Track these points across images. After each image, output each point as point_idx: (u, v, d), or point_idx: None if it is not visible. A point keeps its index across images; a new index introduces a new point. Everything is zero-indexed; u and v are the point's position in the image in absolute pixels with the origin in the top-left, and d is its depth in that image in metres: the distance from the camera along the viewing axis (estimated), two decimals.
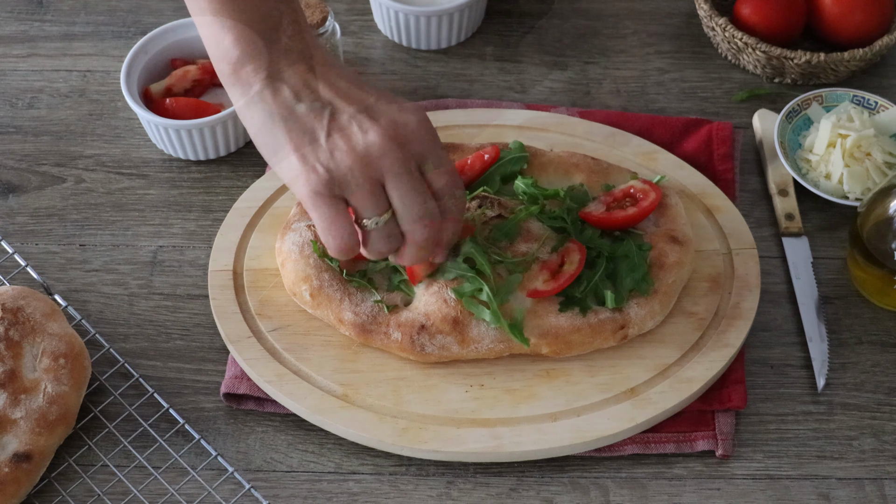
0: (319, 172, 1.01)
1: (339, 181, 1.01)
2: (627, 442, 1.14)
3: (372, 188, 1.01)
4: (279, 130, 1.02)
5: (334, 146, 1.01)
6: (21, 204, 1.32)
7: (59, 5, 1.49)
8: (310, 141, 1.01)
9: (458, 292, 1.13)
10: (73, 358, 1.13)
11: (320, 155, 1.01)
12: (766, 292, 1.24)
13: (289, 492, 1.12)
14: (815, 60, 1.36)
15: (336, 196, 1.02)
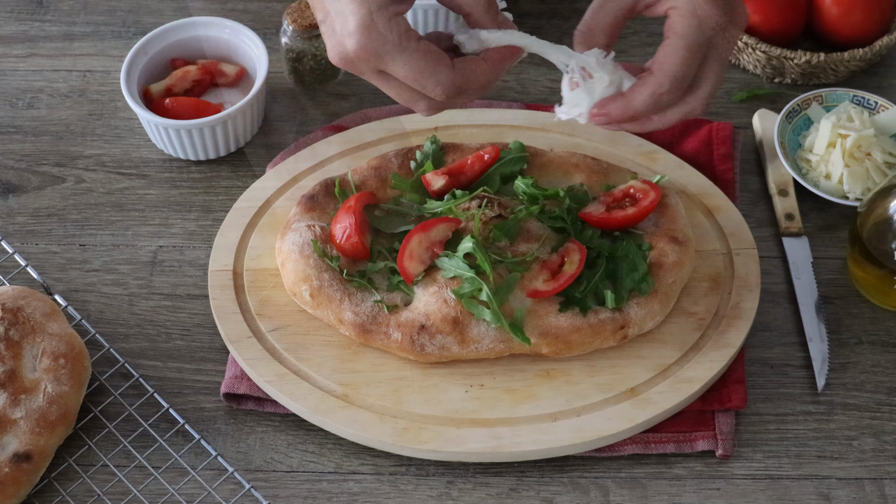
0: None
1: None
2: (627, 442, 1.14)
3: None
4: None
5: None
6: (21, 204, 1.32)
7: (59, 5, 1.49)
8: None
9: (458, 293, 1.13)
10: (73, 358, 1.13)
11: None
12: (766, 292, 1.24)
13: (289, 492, 1.12)
14: (815, 60, 1.36)
15: None
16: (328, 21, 1.00)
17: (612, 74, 1.05)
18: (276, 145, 1.36)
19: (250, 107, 1.32)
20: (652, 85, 1.03)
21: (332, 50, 1.01)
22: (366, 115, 1.36)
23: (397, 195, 1.24)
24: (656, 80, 1.03)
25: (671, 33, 1.04)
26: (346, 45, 0.99)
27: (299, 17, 1.35)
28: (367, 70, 1.01)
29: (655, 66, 1.04)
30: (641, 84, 1.04)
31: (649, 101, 1.04)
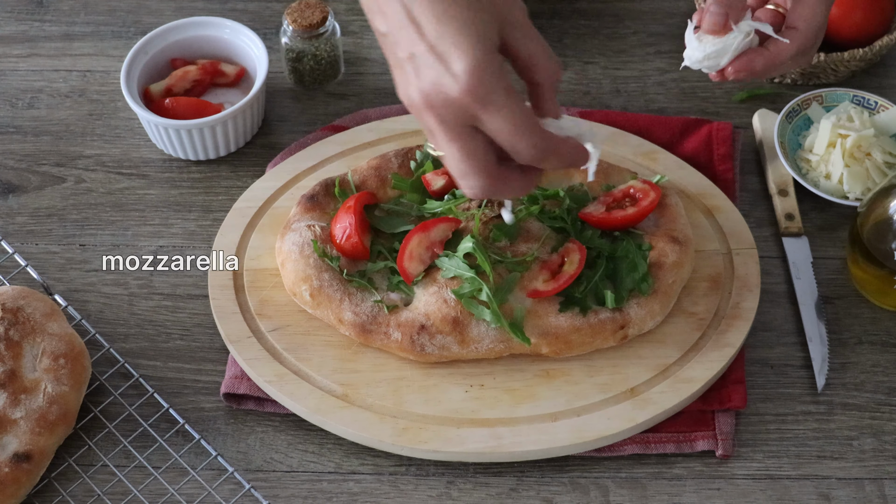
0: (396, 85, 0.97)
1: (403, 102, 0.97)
2: (627, 442, 1.14)
3: (425, 128, 0.96)
4: None
5: (395, 76, 0.96)
6: (21, 204, 1.32)
7: (59, 5, 1.49)
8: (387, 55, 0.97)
9: (458, 293, 1.13)
10: (74, 358, 1.13)
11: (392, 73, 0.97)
12: (766, 292, 1.24)
13: (289, 492, 1.12)
14: (815, 60, 1.36)
15: None
16: (419, 59, 0.92)
17: (749, 28, 1.07)
18: (276, 145, 1.36)
19: (250, 107, 1.32)
20: (800, 40, 1.07)
21: (423, 91, 0.93)
22: (366, 115, 1.36)
23: (397, 195, 1.24)
24: (804, 36, 1.07)
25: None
26: (448, 87, 0.91)
27: (299, 17, 1.35)
28: (455, 118, 0.93)
29: (801, 22, 1.07)
30: (791, 40, 1.07)
31: (795, 56, 1.08)
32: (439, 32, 0.92)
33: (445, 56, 0.92)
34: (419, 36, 0.92)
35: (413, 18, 0.93)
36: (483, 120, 0.93)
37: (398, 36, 0.94)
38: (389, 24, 0.94)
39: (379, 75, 1.42)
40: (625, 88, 1.41)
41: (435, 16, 0.92)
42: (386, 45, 0.96)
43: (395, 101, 1.39)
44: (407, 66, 0.94)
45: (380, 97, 1.40)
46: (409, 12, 0.93)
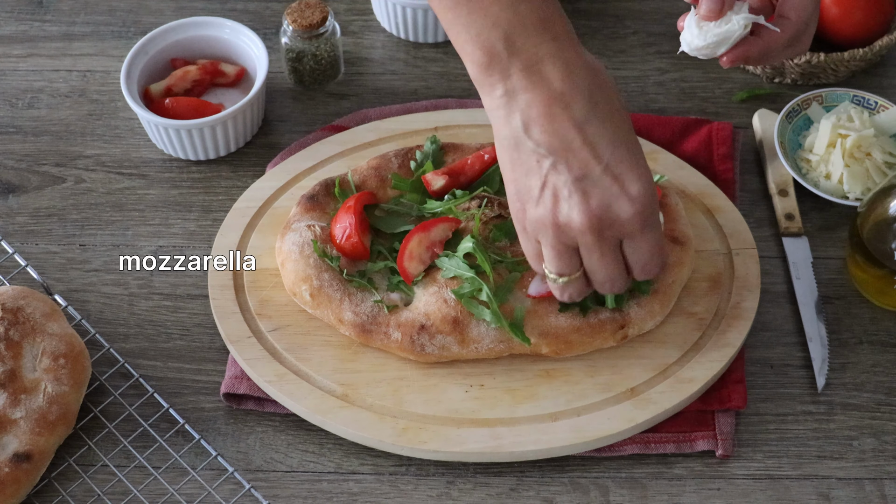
0: (527, 214, 1.00)
1: (538, 231, 1.00)
2: (627, 442, 1.14)
3: (560, 251, 1.00)
4: (506, 154, 0.99)
5: (543, 200, 0.98)
6: (21, 204, 1.32)
7: (59, 5, 1.49)
8: (526, 180, 0.98)
9: (458, 293, 1.13)
10: (74, 358, 1.13)
11: (530, 199, 0.98)
12: (766, 292, 1.24)
13: (289, 492, 1.12)
14: (815, 60, 1.36)
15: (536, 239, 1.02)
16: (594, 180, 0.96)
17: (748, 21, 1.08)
18: (276, 145, 1.36)
19: (250, 107, 1.32)
20: (792, 29, 1.07)
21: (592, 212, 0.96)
22: (366, 115, 1.36)
23: (397, 195, 1.24)
24: (795, 26, 1.07)
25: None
26: (623, 207, 0.96)
27: (299, 17, 1.35)
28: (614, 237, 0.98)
29: (792, 11, 1.07)
30: (783, 29, 1.08)
31: (787, 46, 1.08)
32: (615, 157, 0.95)
33: (621, 178, 0.95)
34: (596, 159, 0.95)
35: (587, 140, 0.95)
36: (637, 240, 0.99)
37: (568, 157, 0.96)
38: (556, 143, 0.96)
39: (379, 75, 1.42)
40: (625, 88, 1.41)
41: (610, 140, 0.95)
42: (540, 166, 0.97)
43: (395, 101, 1.39)
44: (573, 187, 0.96)
45: (380, 97, 1.40)
46: (584, 135, 0.95)
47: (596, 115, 0.95)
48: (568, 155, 0.95)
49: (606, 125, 0.95)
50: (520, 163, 0.98)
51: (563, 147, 0.95)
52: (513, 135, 0.97)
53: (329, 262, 1.18)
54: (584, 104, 0.95)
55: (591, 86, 0.96)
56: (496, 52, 0.95)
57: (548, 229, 0.99)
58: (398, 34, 1.45)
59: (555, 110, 0.95)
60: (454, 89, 1.41)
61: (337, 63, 1.40)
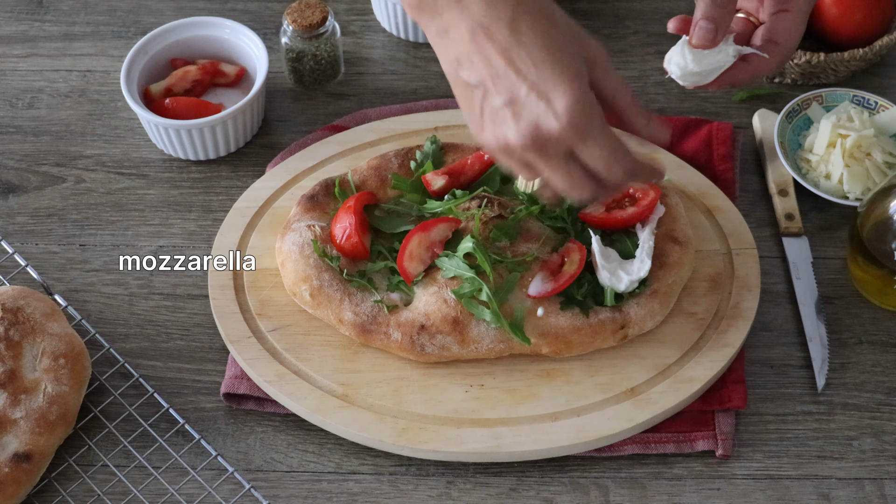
0: (482, 137, 1.02)
1: (494, 153, 1.03)
2: (627, 442, 1.14)
3: (516, 166, 1.03)
4: (453, 87, 1.03)
5: (485, 126, 1.01)
6: (21, 204, 1.32)
7: (59, 5, 1.49)
8: (470, 110, 1.02)
9: (458, 293, 1.13)
10: (73, 358, 1.13)
11: (478, 126, 1.02)
12: (766, 292, 1.24)
13: (289, 492, 1.12)
14: (815, 60, 1.36)
15: None
16: (521, 101, 0.98)
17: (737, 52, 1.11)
18: (276, 145, 1.36)
19: (250, 107, 1.32)
20: (781, 55, 1.11)
21: (523, 131, 0.99)
22: (366, 115, 1.36)
23: (397, 195, 1.24)
24: (783, 51, 1.11)
25: (791, 6, 1.10)
26: (550, 124, 0.97)
27: (299, 17, 1.35)
28: (556, 151, 0.99)
29: (781, 37, 1.10)
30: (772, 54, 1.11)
31: (775, 70, 1.12)
32: (539, 76, 0.98)
33: (546, 95, 0.98)
34: (521, 80, 0.98)
35: (512, 64, 0.98)
36: (581, 150, 1.00)
37: (495, 83, 0.99)
38: (484, 72, 0.99)
39: (379, 75, 1.42)
40: None
41: (533, 61, 0.98)
42: (472, 96, 1.01)
43: (395, 101, 1.39)
44: (504, 111, 0.99)
45: (380, 97, 1.40)
46: (510, 59, 0.98)
47: (518, 39, 0.98)
48: (495, 81, 0.99)
49: (530, 48, 0.98)
50: (462, 97, 1.02)
51: (490, 75, 0.99)
52: (451, 71, 1.01)
53: (329, 262, 1.18)
54: (505, 31, 0.98)
55: (514, 12, 0.99)
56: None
57: (498, 152, 1.02)
58: (398, 34, 1.45)
59: (478, 41, 0.99)
60: None
61: (337, 63, 1.40)
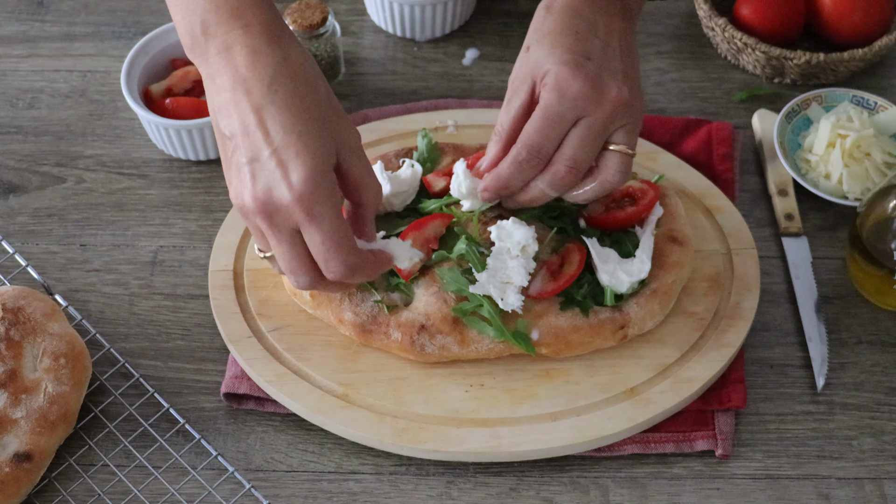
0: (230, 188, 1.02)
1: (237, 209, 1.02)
2: (627, 442, 1.14)
3: (252, 229, 1.03)
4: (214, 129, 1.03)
5: (230, 180, 1.01)
6: (21, 204, 1.32)
7: (59, 5, 1.49)
8: (225, 160, 1.02)
9: (460, 310, 1.13)
10: (74, 358, 1.13)
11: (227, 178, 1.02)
12: (766, 292, 1.24)
13: (289, 491, 1.13)
14: (815, 60, 1.37)
15: None
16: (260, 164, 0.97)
17: None
18: None
19: None
20: (512, 153, 1.10)
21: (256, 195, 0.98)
22: (366, 116, 1.36)
23: None
24: (516, 149, 1.10)
25: (536, 106, 1.09)
26: (281, 193, 0.97)
27: (299, 18, 1.35)
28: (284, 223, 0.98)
29: (518, 137, 1.10)
30: (507, 155, 1.11)
31: (513, 169, 1.11)
32: (284, 142, 0.98)
33: (286, 164, 0.97)
34: (266, 141, 0.98)
35: (262, 124, 0.98)
36: (305, 230, 0.99)
37: (243, 139, 0.99)
38: (235, 127, 0.99)
39: (379, 75, 1.42)
40: None
41: (282, 126, 0.98)
42: (226, 147, 1.01)
43: (395, 101, 1.40)
44: (245, 169, 0.99)
45: (380, 97, 1.40)
46: (261, 119, 0.98)
47: (273, 101, 0.98)
48: (244, 138, 0.98)
49: (283, 111, 0.98)
50: (220, 146, 1.02)
51: (242, 130, 0.99)
52: (212, 118, 1.01)
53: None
54: (263, 90, 0.98)
55: (276, 73, 0.99)
56: (196, 36, 1.00)
57: (238, 210, 1.01)
58: (391, 31, 1.45)
59: (237, 94, 0.99)
60: (454, 89, 1.41)
61: (337, 63, 1.40)
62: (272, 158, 0.97)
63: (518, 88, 1.11)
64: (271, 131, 0.97)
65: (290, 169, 0.97)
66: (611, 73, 1.08)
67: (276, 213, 0.98)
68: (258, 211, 0.98)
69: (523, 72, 1.11)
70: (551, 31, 1.10)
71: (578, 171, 1.10)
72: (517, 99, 1.11)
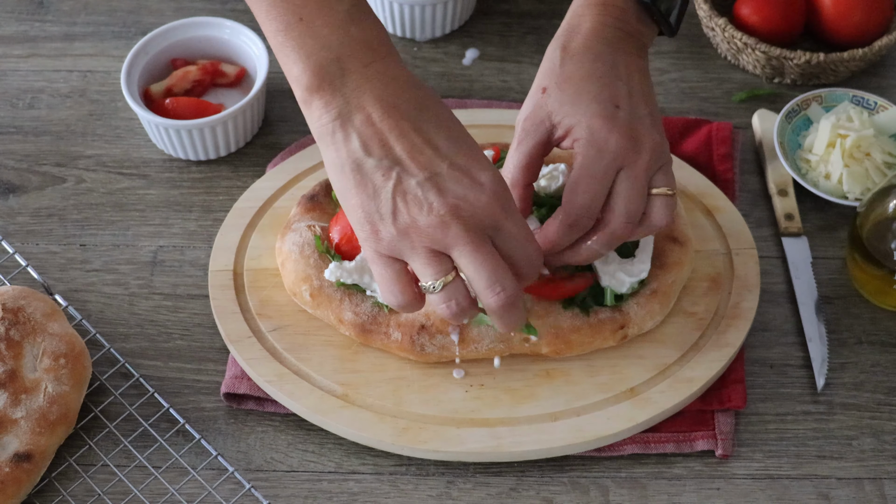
0: (380, 235, 0.97)
1: (399, 245, 0.98)
2: (627, 442, 1.14)
3: (428, 257, 0.97)
4: (347, 180, 0.98)
5: (397, 211, 0.97)
6: (22, 204, 1.32)
7: (59, 5, 1.49)
8: (374, 200, 0.97)
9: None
10: (74, 358, 1.13)
11: (384, 217, 0.97)
12: (766, 292, 1.24)
13: (289, 491, 1.13)
14: (815, 60, 1.37)
15: (396, 258, 0.99)
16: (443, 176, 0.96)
17: None
18: (276, 145, 1.36)
19: (250, 107, 1.32)
20: (560, 216, 1.07)
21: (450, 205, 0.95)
22: None
23: None
24: (565, 212, 1.07)
25: (574, 163, 1.07)
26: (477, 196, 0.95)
27: None
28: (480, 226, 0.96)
29: (563, 197, 1.07)
30: (553, 217, 1.08)
31: (561, 232, 1.08)
32: (458, 152, 0.97)
33: (469, 170, 0.97)
34: (439, 157, 0.97)
35: (430, 142, 0.97)
36: (503, 227, 0.98)
37: (413, 161, 0.96)
38: (398, 152, 0.96)
39: None
40: None
41: (448, 139, 0.98)
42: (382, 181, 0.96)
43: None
44: (425, 186, 0.96)
45: None
46: (426, 138, 0.97)
47: (429, 119, 0.98)
48: (413, 159, 0.96)
49: (442, 128, 0.98)
50: (364, 184, 0.97)
51: (407, 153, 0.96)
52: (352, 157, 0.97)
53: (332, 261, 1.18)
54: (415, 111, 0.97)
55: (418, 97, 0.98)
56: (328, 73, 0.97)
57: (410, 237, 0.97)
58: (391, 31, 1.45)
59: (390, 122, 0.97)
60: (454, 89, 1.41)
61: None
62: (453, 169, 0.96)
63: (531, 130, 1.09)
64: (440, 146, 0.97)
65: (475, 173, 0.96)
66: (640, 120, 1.07)
67: (473, 217, 0.96)
68: (455, 218, 0.95)
69: (540, 115, 1.09)
70: (572, 77, 1.08)
71: (634, 225, 1.08)
72: (530, 140, 1.09)
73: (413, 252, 0.97)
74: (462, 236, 0.96)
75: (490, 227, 0.97)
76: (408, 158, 0.96)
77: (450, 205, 0.96)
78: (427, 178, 0.96)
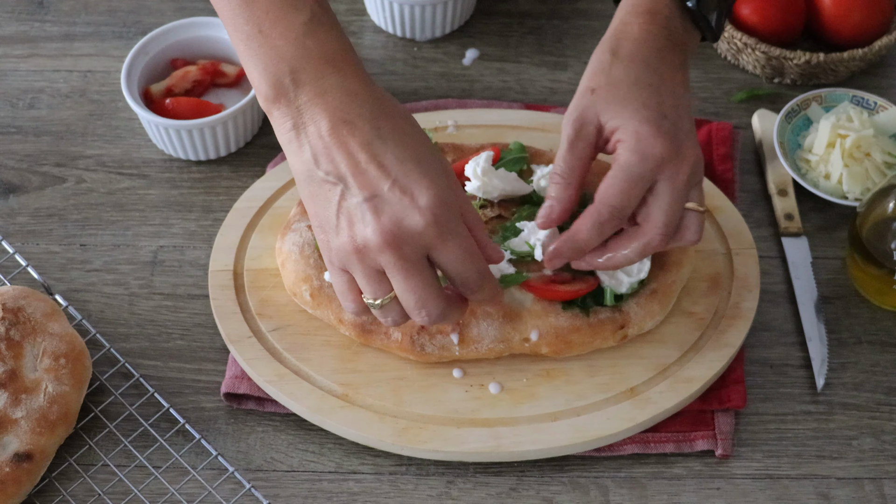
0: (331, 245, 0.99)
1: (343, 260, 0.99)
2: (627, 442, 1.14)
3: (369, 274, 0.98)
4: (304, 188, 0.99)
5: (340, 227, 0.97)
6: (22, 204, 1.32)
7: (59, 5, 1.49)
8: (326, 210, 0.98)
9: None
10: (74, 358, 1.13)
11: (331, 230, 0.98)
12: (766, 292, 1.24)
13: (289, 491, 1.13)
14: (815, 60, 1.37)
15: (344, 269, 1.00)
16: (383, 197, 0.95)
17: None
18: (276, 145, 1.36)
19: (250, 107, 1.32)
20: (592, 215, 1.06)
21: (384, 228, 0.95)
22: None
23: None
24: (596, 210, 1.06)
25: (614, 164, 1.06)
26: (413, 220, 0.95)
27: None
28: (415, 251, 0.96)
29: (597, 196, 1.07)
30: (583, 215, 1.07)
31: (593, 231, 1.06)
32: (403, 171, 0.96)
33: (410, 191, 0.95)
34: (383, 175, 0.96)
35: (375, 159, 0.96)
36: (440, 250, 0.97)
37: (356, 179, 0.96)
38: (342, 169, 0.96)
39: (379, 76, 1.42)
40: None
41: (397, 157, 0.96)
42: (329, 195, 0.97)
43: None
44: (364, 207, 0.95)
45: None
46: (372, 154, 0.96)
47: (380, 136, 0.96)
48: (356, 177, 0.96)
49: (391, 144, 0.96)
50: (317, 195, 0.98)
51: (351, 170, 0.96)
52: (305, 168, 0.97)
53: None
54: (367, 127, 0.96)
55: (374, 111, 0.97)
56: (283, 86, 0.97)
57: (351, 255, 0.97)
58: (391, 31, 1.45)
59: (339, 137, 0.96)
60: (454, 89, 1.41)
61: None
62: (394, 189, 0.95)
63: (582, 132, 1.08)
64: (386, 164, 0.96)
65: (417, 195, 0.95)
66: (684, 133, 1.07)
67: (406, 242, 0.96)
68: (387, 245, 0.95)
69: (589, 114, 1.08)
70: (622, 81, 1.08)
71: (671, 237, 1.08)
72: (582, 143, 1.08)
73: (355, 268, 0.98)
74: (393, 262, 0.96)
75: (426, 248, 0.97)
76: (350, 176, 0.96)
77: (384, 229, 0.95)
78: (366, 199, 0.95)
